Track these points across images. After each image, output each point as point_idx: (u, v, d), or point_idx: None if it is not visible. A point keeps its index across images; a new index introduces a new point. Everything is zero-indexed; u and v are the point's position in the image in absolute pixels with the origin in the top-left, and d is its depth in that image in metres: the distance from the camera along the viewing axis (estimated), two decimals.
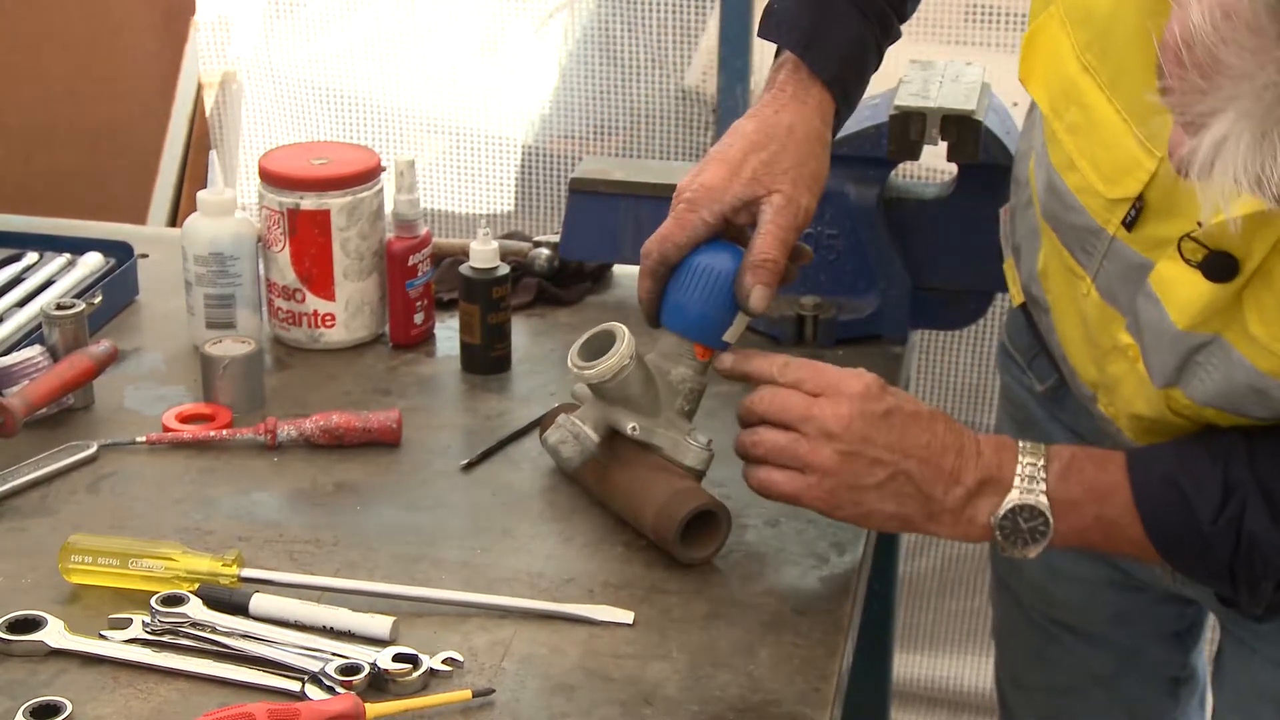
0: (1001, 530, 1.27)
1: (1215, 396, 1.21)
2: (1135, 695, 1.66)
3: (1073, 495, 1.27)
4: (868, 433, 1.28)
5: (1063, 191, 1.25)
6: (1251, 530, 1.21)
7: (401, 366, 1.68)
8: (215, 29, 2.80)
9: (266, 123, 2.80)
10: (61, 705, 1.16)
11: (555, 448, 1.40)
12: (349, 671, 1.19)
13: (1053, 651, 1.66)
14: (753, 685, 1.22)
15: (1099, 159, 1.21)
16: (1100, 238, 1.23)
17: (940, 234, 1.72)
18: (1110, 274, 1.24)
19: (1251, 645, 1.46)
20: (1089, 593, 1.60)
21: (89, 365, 1.56)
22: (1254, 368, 1.16)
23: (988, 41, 2.39)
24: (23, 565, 1.34)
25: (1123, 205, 1.19)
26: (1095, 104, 1.19)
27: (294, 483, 1.47)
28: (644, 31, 2.54)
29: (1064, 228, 1.28)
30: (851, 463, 1.28)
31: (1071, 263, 1.29)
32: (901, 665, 2.66)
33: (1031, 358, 1.54)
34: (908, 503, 1.29)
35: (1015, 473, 1.28)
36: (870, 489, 1.29)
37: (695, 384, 1.38)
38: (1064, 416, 1.51)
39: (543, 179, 2.69)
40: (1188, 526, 1.24)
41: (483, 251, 1.65)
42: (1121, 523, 1.26)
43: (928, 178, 2.02)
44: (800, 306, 1.72)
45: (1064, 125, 1.23)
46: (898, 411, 1.30)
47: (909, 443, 1.29)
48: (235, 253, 1.67)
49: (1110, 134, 1.18)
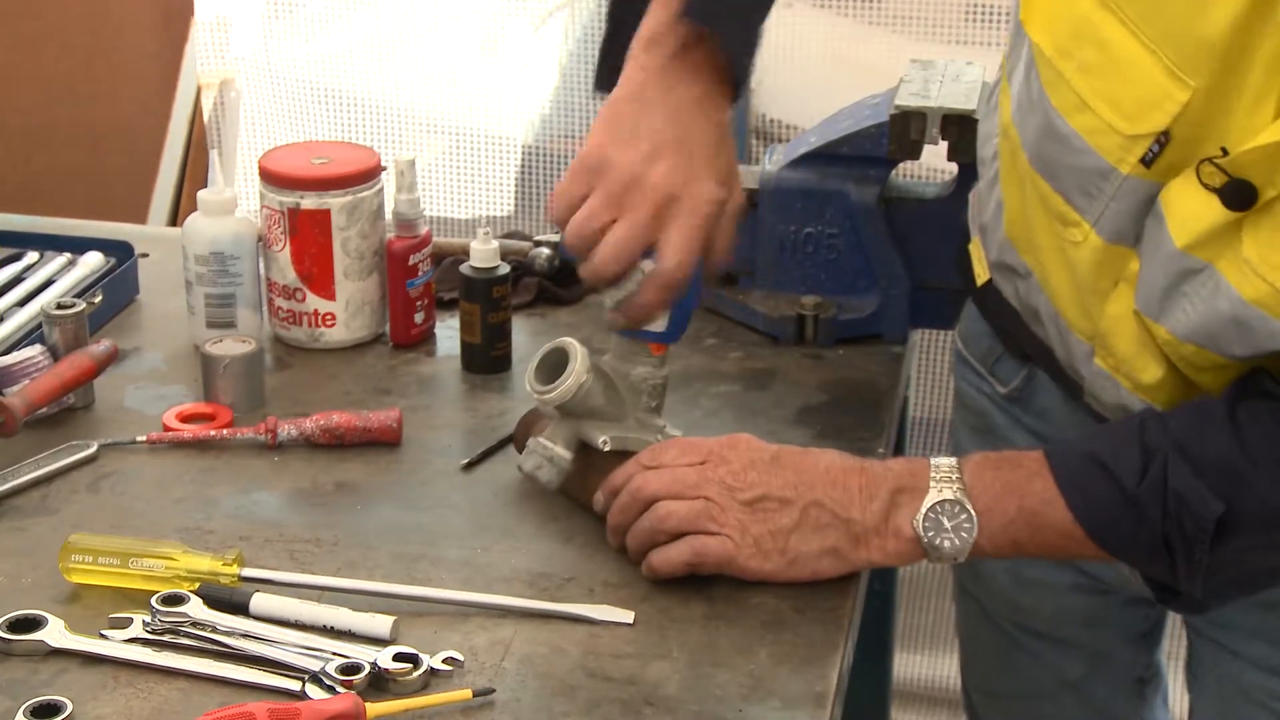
0: (925, 532, 1.27)
1: (1197, 330, 1.20)
2: (1104, 698, 1.65)
3: (992, 489, 1.27)
4: (764, 478, 1.29)
5: (1066, 135, 1.23)
6: (1176, 488, 1.20)
7: (402, 366, 1.68)
8: (215, 29, 2.80)
9: (266, 123, 2.80)
10: (62, 705, 1.16)
11: (532, 474, 1.40)
12: (349, 671, 1.19)
13: (1020, 658, 1.66)
14: (753, 685, 1.22)
15: (1119, 96, 1.19)
16: (1110, 178, 1.22)
17: (940, 233, 1.72)
18: (1118, 212, 1.23)
19: (1231, 648, 1.45)
20: (1055, 598, 1.59)
21: (89, 365, 1.56)
22: (1239, 296, 1.15)
23: (988, 41, 2.39)
24: (23, 565, 1.34)
25: (1144, 141, 1.18)
26: (1116, 39, 1.18)
27: (294, 482, 1.47)
28: None
29: (1062, 173, 1.26)
30: (761, 509, 1.29)
31: (1065, 209, 1.27)
32: (902, 665, 2.66)
33: (994, 360, 1.53)
34: (829, 534, 1.28)
35: (929, 476, 1.28)
36: (789, 532, 1.28)
37: (657, 379, 1.38)
38: (1028, 419, 1.50)
39: (543, 178, 2.69)
40: (1112, 496, 1.23)
41: (483, 251, 1.65)
42: (1046, 512, 1.25)
43: (928, 177, 2.02)
44: (800, 306, 1.72)
45: (1074, 65, 1.22)
46: (785, 452, 1.31)
47: (807, 475, 1.29)
48: (236, 252, 1.67)
49: (1134, 69, 1.17)
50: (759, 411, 1.59)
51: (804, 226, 1.72)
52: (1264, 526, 1.22)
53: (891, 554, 1.29)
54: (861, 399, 1.63)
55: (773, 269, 1.74)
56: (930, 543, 1.27)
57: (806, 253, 1.73)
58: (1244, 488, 1.20)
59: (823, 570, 1.30)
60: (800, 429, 1.57)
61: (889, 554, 1.29)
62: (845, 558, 1.29)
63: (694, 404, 1.58)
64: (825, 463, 1.31)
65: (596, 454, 1.38)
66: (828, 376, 1.67)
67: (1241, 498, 1.20)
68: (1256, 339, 1.17)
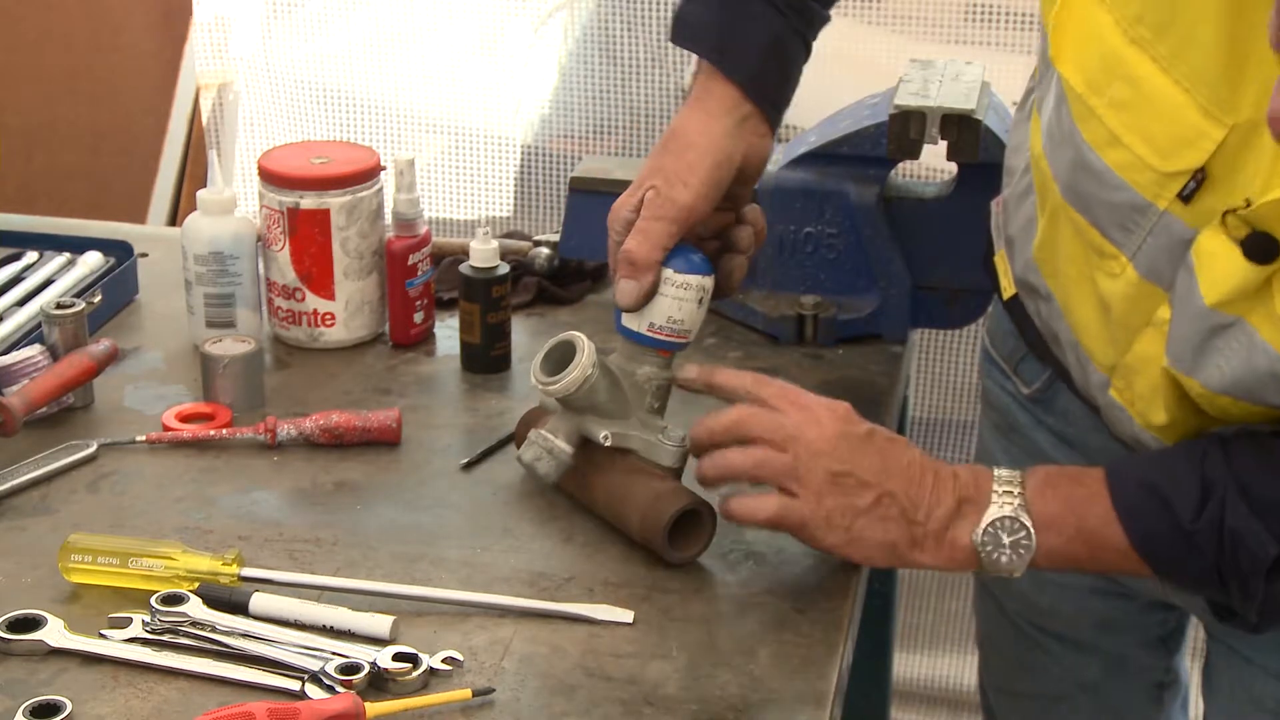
0: (984, 547, 1.26)
1: (1233, 384, 1.19)
2: (1121, 701, 1.65)
3: (1052, 508, 1.26)
4: (854, 453, 1.29)
5: (1100, 170, 1.22)
6: (1233, 527, 1.20)
7: (401, 366, 1.68)
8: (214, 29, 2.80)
9: (265, 122, 2.80)
10: (61, 704, 1.16)
11: (531, 465, 1.40)
12: (349, 670, 1.19)
13: (1039, 659, 1.66)
14: (753, 684, 1.22)
15: (1152, 133, 1.18)
16: (1147, 214, 1.20)
17: (940, 233, 1.72)
18: (1154, 249, 1.22)
19: (1245, 655, 1.45)
20: (1075, 600, 1.59)
21: (89, 364, 1.56)
22: (1276, 352, 1.15)
23: (988, 41, 2.38)
24: (23, 564, 1.34)
25: (1179, 178, 1.17)
26: (1147, 76, 1.16)
27: (294, 482, 1.47)
28: (644, 31, 2.54)
29: (1098, 207, 1.25)
30: (841, 483, 1.28)
31: (1102, 242, 1.26)
32: (902, 665, 2.66)
33: (1018, 360, 1.53)
34: (892, 528, 1.28)
35: (992, 489, 1.28)
36: (861, 513, 1.28)
37: (662, 381, 1.38)
38: (1050, 420, 1.50)
39: (542, 178, 2.69)
40: (1169, 528, 1.23)
41: (483, 250, 1.65)
42: (1103, 533, 1.25)
43: (928, 177, 2.02)
44: (800, 306, 1.72)
45: (1105, 101, 1.20)
46: (878, 434, 1.31)
47: (892, 464, 1.29)
48: (235, 252, 1.67)
49: (1166, 106, 1.16)
50: None
51: (804, 226, 1.73)
52: None
53: (944, 562, 1.28)
54: (861, 399, 1.62)
55: (772, 269, 1.74)
56: (988, 557, 1.27)
57: (806, 252, 1.73)
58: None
59: (875, 559, 1.30)
60: None
61: (942, 561, 1.28)
62: (900, 555, 1.29)
63: (694, 404, 1.58)
64: (909, 456, 1.30)
65: (596, 452, 1.38)
66: (827, 376, 1.67)
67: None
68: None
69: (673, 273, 1.36)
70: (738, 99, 1.39)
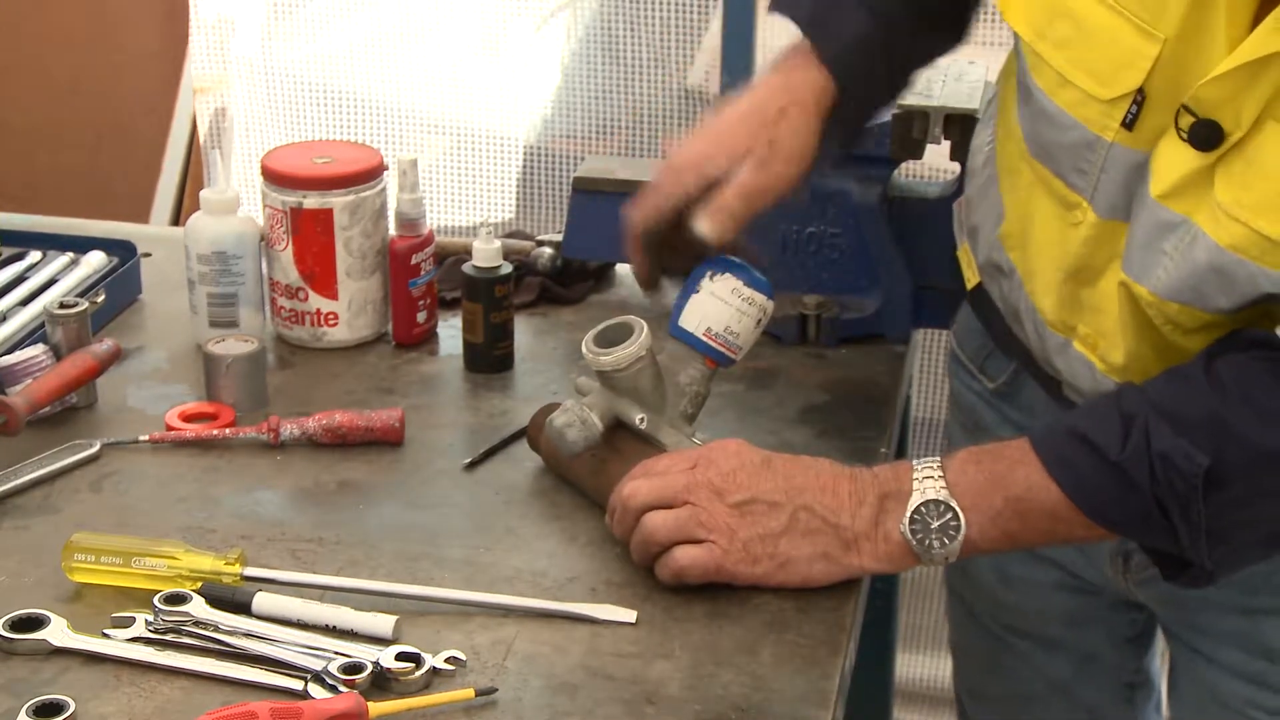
0: (914, 535, 1.26)
1: (1179, 286, 1.20)
2: (1093, 701, 1.65)
3: (975, 482, 1.26)
4: (753, 480, 1.29)
5: (1054, 113, 1.25)
6: (1160, 450, 1.20)
7: (404, 365, 1.69)
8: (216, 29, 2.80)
9: (267, 122, 2.80)
10: (64, 704, 1.16)
11: (561, 430, 1.39)
12: (352, 670, 1.19)
13: (1009, 660, 1.66)
14: (755, 684, 1.22)
15: (1093, 63, 1.21)
16: (1096, 148, 1.23)
17: (943, 233, 1.71)
18: (1109, 185, 1.24)
19: (1207, 654, 1.46)
20: (1041, 595, 1.59)
21: (92, 364, 1.56)
22: (1216, 244, 1.16)
23: (989, 40, 2.38)
24: (25, 564, 1.34)
25: (1121, 104, 1.20)
26: (1085, 10, 1.20)
27: (297, 481, 1.47)
28: (646, 30, 2.54)
29: (1058, 152, 1.27)
30: (749, 512, 1.28)
31: (1065, 191, 1.28)
32: (904, 665, 2.66)
33: (984, 358, 1.54)
34: (819, 538, 1.28)
35: (912, 478, 1.28)
36: (779, 535, 1.28)
37: (702, 388, 1.39)
38: (1015, 415, 1.51)
39: (545, 178, 2.69)
40: (1098, 467, 1.23)
41: (485, 250, 1.65)
42: (1033, 497, 1.25)
43: (930, 177, 2.02)
44: (803, 306, 1.72)
45: (1051, 44, 1.24)
46: (775, 458, 1.31)
47: (798, 481, 1.29)
48: (238, 251, 1.67)
49: (1104, 34, 1.19)
50: (761, 411, 1.59)
51: (806, 226, 1.73)
52: (1254, 472, 1.21)
53: (884, 558, 1.28)
54: (864, 399, 1.63)
55: (775, 268, 1.73)
56: (920, 545, 1.27)
57: (809, 252, 1.73)
58: (1227, 437, 1.19)
59: (815, 576, 1.29)
60: (802, 429, 1.57)
61: (881, 558, 1.28)
62: (838, 563, 1.29)
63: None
64: (816, 469, 1.30)
65: (621, 441, 1.38)
66: (830, 376, 1.67)
67: (1226, 447, 1.19)
68: (1239, 286, 1.18)
69: (742, 285, 1.37)
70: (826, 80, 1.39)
